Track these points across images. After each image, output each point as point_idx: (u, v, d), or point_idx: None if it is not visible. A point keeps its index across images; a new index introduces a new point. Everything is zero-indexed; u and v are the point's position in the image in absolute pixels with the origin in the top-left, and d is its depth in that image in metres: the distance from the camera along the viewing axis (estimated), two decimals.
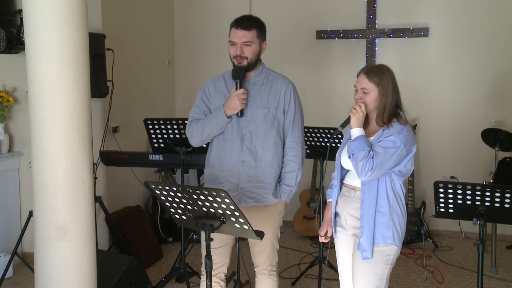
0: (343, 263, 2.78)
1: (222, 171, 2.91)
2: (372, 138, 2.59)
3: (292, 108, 2.92)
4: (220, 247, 2.89)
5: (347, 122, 2.67)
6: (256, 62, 2.88)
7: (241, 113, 2.85)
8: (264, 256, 2.98)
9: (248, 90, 2.87)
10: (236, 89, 2.82)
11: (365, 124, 2.64)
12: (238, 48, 2.81)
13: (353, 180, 2.66)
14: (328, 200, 2.83)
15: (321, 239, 2.82)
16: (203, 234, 2.96)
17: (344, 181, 2.73)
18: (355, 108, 2.58)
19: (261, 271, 3.01)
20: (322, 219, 2.89)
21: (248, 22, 2.83)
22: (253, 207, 2.87)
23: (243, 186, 2.87)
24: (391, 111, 2.58)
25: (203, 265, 3.01)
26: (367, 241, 2.53)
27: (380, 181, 2.55)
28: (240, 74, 2.83)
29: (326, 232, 2.80)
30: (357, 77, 2.64)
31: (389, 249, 2.56)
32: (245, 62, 2.82)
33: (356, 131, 2.56)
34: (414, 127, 4.30)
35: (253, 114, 2.87)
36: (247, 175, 2.87)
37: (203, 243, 2.99)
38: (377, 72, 2.58)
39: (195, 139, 2.95)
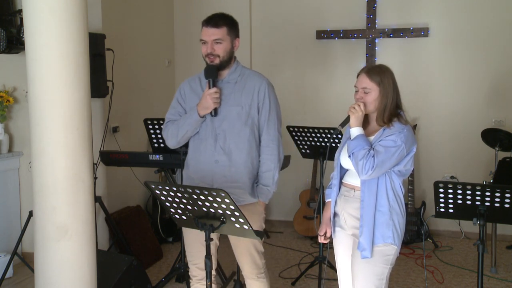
0: (342, 263, 2.77)
1: (197, 172, 2.88)
2: (372, 138, 2.59)
3: (266, 106, 2.86)
4: (201, 250, 2.79)
5: (346, 121, 2.66)
6: (229, 60, 2.84)
7: (215, 112, 2.82)
8: (247, 260, 2.93)
9: (222, 89, 2.83)
10: (209, 88, 2.79)
11: (365, 124, 2.64)
12: (209, 46, 2.78)
13: (352, 179, 2.66)
14: (327, 200, 2.82)
15: (321, 239, 2.82)
16: (187, 239, 2.93)
17: (343, 181, 2.73)
18: (354, 107, 2.58)
19: (249, 275, 2.97)
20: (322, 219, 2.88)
21: (218, 20, 2.80)
22: None
23: (218, 186, 2.80)
24: (391, 111, 2.58)
25: (190, 270, 2.98)
26: (366, 240, 2.53)
27: (380, 180, 2.55)
28: (212, 72, 2.80)
29: (325, 233, 2.80)
30: (358, 77, 2.64)
31: (388, 249, 2.56)
32: (217, 61, 2.79)
33: (355, 130, 2.56)
34: (414, 127, 4.32)
35: (226, 113, 2.83)
36: (222, 175, 2.83)
37: (188, 247, 2.96)
38: (378, 72, 2.58)
39: (171, 140, 2.93)
